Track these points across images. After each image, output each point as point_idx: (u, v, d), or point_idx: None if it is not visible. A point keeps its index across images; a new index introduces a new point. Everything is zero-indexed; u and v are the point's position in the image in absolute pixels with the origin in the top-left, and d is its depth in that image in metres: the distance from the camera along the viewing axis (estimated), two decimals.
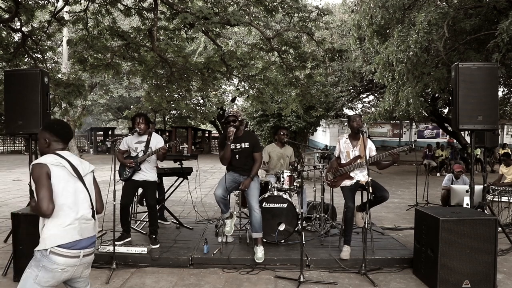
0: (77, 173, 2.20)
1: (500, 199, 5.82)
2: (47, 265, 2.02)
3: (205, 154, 26.40)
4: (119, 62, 7.06)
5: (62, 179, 2.12)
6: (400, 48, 7.45)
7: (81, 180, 2.22)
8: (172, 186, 5.90)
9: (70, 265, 2.08)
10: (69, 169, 2.17)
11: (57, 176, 2.10)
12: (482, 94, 4.17)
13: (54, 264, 2.03)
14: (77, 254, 2.10)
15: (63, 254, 2.05)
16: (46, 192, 2.02)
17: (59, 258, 2.04)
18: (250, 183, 4.21)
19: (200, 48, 17.02)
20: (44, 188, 2.02)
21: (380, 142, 27.90)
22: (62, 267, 2.05)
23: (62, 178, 2.12)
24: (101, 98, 21.51)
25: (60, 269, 2.05)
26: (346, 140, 4.44)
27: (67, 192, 2.12)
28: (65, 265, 2.06)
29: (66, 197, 2.11)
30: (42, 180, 2.04)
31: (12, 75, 4.34)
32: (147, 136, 4.59)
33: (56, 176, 2.09)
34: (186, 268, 4.06)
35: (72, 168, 2.18)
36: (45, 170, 2.07)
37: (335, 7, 16.59)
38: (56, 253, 2.03)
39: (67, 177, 2.15)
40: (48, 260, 2.02)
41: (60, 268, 2.05)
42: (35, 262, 2.05)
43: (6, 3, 6.56)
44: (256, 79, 7.48)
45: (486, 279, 3.50)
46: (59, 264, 2.04)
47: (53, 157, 2.15)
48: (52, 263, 2.03)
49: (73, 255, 2.08)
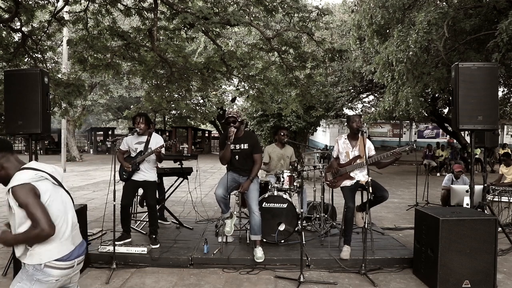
0: (56, 180, 2.07)
1: (500, 199, 5.82)
2: (42, 278, 1.95)
3: (205, 154, 26.41)
4: (119, 62, 7.05)
5: (50, 192, 1.96)
6: (400, 48, 7.45)
7: (61, 187, 2.11)
8: (172, 186, 5.90)
9: (64, 275, 2.03)
10: (51, 180, 2.01)
11: (45, 191, 1.93)
12: (482, 94, 4.16)
13: (49, 276, 1.96)
14: (71, 264, 2.05)
15: (59, 267, 1.99)
16: (42, 211, 1.85)
17: (54, 271, 1.97)
18: (250, 185, 4.21)
19: (200, 48, 17.02)
20: (38, 208, 1.84)
21: (380, 142, 27.92)
22: (57, 278, 2.00)
23: (49, 192, 1.96)
24: (101, 98, 21.51)
25: (54, 280, 1.99)
26: (345, 141, 4.44)
27: (57, 204, 2.00)
28: (60, 276, 2.01)
29: (58, 210, 2.00)
30: (32, 200, 1.84)
31: (12, 75, 4.33)
32: (147, 136, 4.59)
33: (44, 191, 1.93)
34: (186, 268, 4.06)
35: (51, 177, 2.03)
36: (31, 189, 1.87)
37: (335, 7, 16.60)
38: (52, 267, 1.96)
39: (53, 188, 2.01)
40: (43, 273, 1.95)
41: (55, 279, 1.99)
42: (27, 276, 1.95)
43: (6, 3, 6.56)
44: (256, 79, 7.47)
45: (486, 279, 3.50)
46: (54, 276, 1.98)
47: (31, 173, 1.93)
48: (47, 275, 1.96)
49: (68, 266, 2.03)
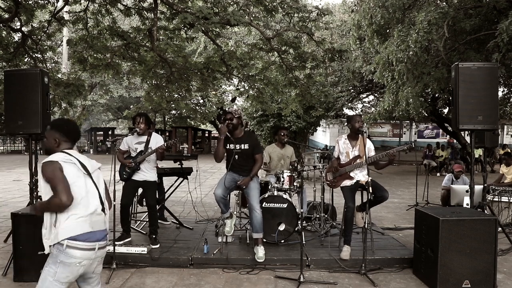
0: (85, 169, 2.25)
1: (500, 199, 5.82)
2: (65, 259, 2.06)
3: (205, 154, 26.40)
4: (119, 62, 7.06)
5: (73, 175, 2.17)
6: (400, 47, 7.45)
7: (89, 176, 2.27)
8: (172, 186, 5.90)
9: (86, 258, 2.13)
10: (79, 166, 2.22)
11: (68, 172, 2.15)
12: (482, 94, 4.17)
13: (71, 258, 2.07)
14: (92, 246, 2.15)
15: (80, 247, 2.09)
16: (64, 184, 2.08)
17: (76, 251, 2.08)
18: (250, 182, 4.21)
19: (200, 48, 17.04)
20: (60, 181, 2.08)
21: (380, 142, 27.90)
22: (80, 260, 2.10)
23: (73, 174, 2.17)
24: (101, 98, 21.54)
25: (77, 262, 2.09)
26: (345, 141, 4.44)
27: (78, 188, 2.17)
28: (82, 258, 2.10)
29: (78, 192, 2.16)
30: (57, 175, 2.09)
31: (12, 75, 4.34)
32: (147, 136, 4.59)
33: (67, 172, 2.14)
34: (186, 268, 4.06)
35: (81, 165, 2.24)
36: (57, 166, 2.12)
37: (335, 7, 16.60)
38: (73, 247, 2.08)
39: (77, 173, 2.20)
40: (65, 254, 2.06)
41: (77, 262, 2.09)
42: (52, 259, 2.09)
43: (6, 3, 6.56)
44: (256, 79, 7.48)
45: (486, 279, 3.50)
46: (76, 257, 2.08)
47: (63, 155, 2.20)
48: (70, 257, 2.07)
49: (89, 248, 2.13)
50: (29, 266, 3.56)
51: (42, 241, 2.17)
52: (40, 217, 2.21)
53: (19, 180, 11.56)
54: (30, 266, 3.56)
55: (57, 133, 2.28)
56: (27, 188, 5.01)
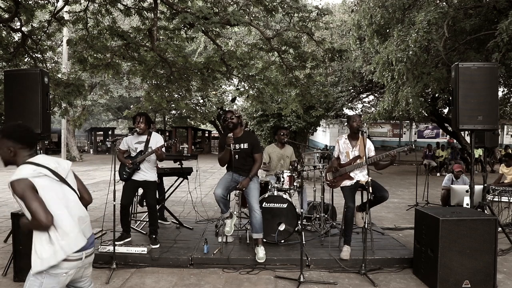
0: (58, 176, 2.08)
1: (500, 199, 5.82)
2: (51, 271, 1.99)
3: (205, 154, 26.41)
4: (119, 62, 7.05)
5: (47, 188, 2.00)
6: (400, 47, 7.45)
7: (64, 183, 2.12)
8: (172, 186, 5.90)
9: (73, 268, 2.06)
10: (51, 176, 2.04)
11: (42, 187, 1.97)
12: (482, 94, 4.17)
13: (58, 269, 2.00)
14: (79, 256, 2.07)
15: (67, 259, 2.02)
16: (38, 203, 1.91)
17: (63, 263, 2.01)
18: (249, 183, 4.21)
19: (200, 48, 17.03)
20: (33, 200, 1.90)
21: (380, 142, 27.91)
22: (66, 270, 2.02)
23: (47, 188, 2.00)
24: (101, 98, 21.52)
25: (64, 273, 2.02)
26: (345, 141, 4.44)
27: (58, 201, 2.03)
28: (69, 269, 2.03)
29: (59, 206, 2.02)
30: (29, 194, 1.91)
31: (12, 75, 4.33)
32: (147, 136, 4.59)
33: (41, 187, 1.97)
34: (186, 268, 4.06)
35: (53, 173, 2.05)
36: (28, 184, 1.93)
37: (335, 7, 16.59)
38: None
39: (51, 184, 2.03)
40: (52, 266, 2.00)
41: (64, 272, 2.02)
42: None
43: (6, 3, 6.56)
44: (256, 79, 7.47)
45: (486, 279, 3.50)
46: (63, 268, 2.01)
47: (30, 168, 1.98)
48: (56, 268, 2.00)
49: (76, 258, 2.05)
50: (29, 266, 3.50)
51: None
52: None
53: None
54: (30, 266, 3.54)
55: (10, 141, 2.03)
56: None
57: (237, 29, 13.49)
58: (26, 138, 2.09)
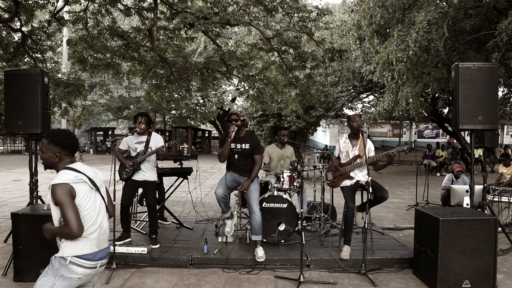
0: (95, 185, 2.19)
1: (500, 199, 5.82)
2: (65, 274, 2.04)
3: (205, 154, 26.40)
4: (119, 62, 7.05)
5: (84, 195, 2.09)
6: (400, 47, 7.45)
7: (98, 192, 2.22)
8: (172, 186, 5.90)
9: (86, 275, 2.12)
10: (89, 183, 2.14)
11: (81, 193, 2.07)
12: (482, 94, 4.17)
13: (72, 273, 2.05)
14: (94, 265, 2.13)
15: (83, 265, 2.07)
16: (74, 213, 1.99)
17: (78, 268, 2.06)
18: (250, 185, 4.21)
19: (200, 48, 17.03)
20: (70, 209, 1.98)
21: (380, 142, 27.91)
22: (79, 276, 2.08)
23: (84, 195, 2.09)
24: (101, 98, 21.53)
25: (77, 277, 2.08)
26: (345, 140, 4.44)
27: (91, 208, 2.12)
28: (82, 275, 2.09)
29: (90, 213, 2.11)
30: (67, 202, 1.99)
31: (12, 75, 4.34)
32: (147, 136, 4.59)
33: (80, 194, 2.06)
34: (186, 268, 4.06)
35: (90, 181, 2.16)
36: (69, 190, 2.02)
37: (335, 7, 16.58)
38: (76, 264, 2.05)
39: (88, 192, 2.13)
40: (67, 269, 2.04)
41: (77, 277, 2.08)
42: (52, 271, 2.06)
43: (6, 3, 6.56)
44: (256, 79, 7.47)
45: (486, 279, 3.50)
46: (77, 273, 2.06)
47: (72, 174, 2.08)
48: (71, 272, 2.05)
49: (91, 266, 2.11)
50: (29, 266, 3.56)
51: (42, 241, 2.16)
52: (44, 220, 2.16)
53: (19, 180, 11.56)
54: (30, 266, 3.56)
55: (57, 148, 2.13)
56: (27, 188, 5.01)
57: (237, 29, 13.49)
58: (72, 146, 2.18)
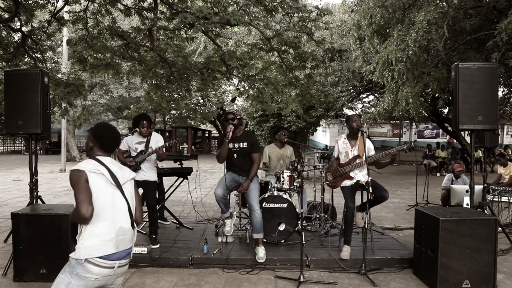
0: (115, 181, 2.15)
1: (500, 199, 5.82)
2: (81, 273, 2.01)
3: (205, 154, 26.40)
4: (119, 62, 7.05)
5: (100, 186, 2.08)
6: (400, 47, 7.44)
7: (119, 189, 2.17)
8: (172, 186, 5.90)
9: (103, 275, 2.07)
10: (108, 177, 2.12)
11: (94, 183, 2.06)
12: (482, 94, 4.17)
13: (88, 273, 2.02)
14: (112, 265, 2.08)
15: (98, 264, 2.03)
16: (85, 195, 2.00)
17: (94, 267, 2.02)
18: (250, 184, 4.21)
19: (200, 48, 17.03)
20: (82, 191, 2.00)
21: (380, 142, 27.92)
22: (96, 276, 2.04)
23: (99, 186, 2.08)
24: (101, 98, 21.50)
25: (93, 278, 2.04)
26: (344, 140, 4.44)
27: (105, 201, 2.08)
28: (99, 275, 2.05)
29: (103, 206, 2.07)
30: (80, 184, 2.01)
31: (12, 75, 4.34)
32: (147, 136, 4.60)
33: (93, 183, 2.06)
34: (186, 268, 4.07)
35: (111, 175, 2.14)
36: (83, 176, 2.04)
37: (335, 7, 16.58)
38: (92, 263, 2.02)
39: (105, 185, 2.11)
40: (83, 268, 2.01)
41: (93, 277, 2.04)
42: (69, 268, 2.04)
43: (6, 3, 6.56)
44: (256, 79, 7.46)
45: (486, 279, 3.50)
46: (93, 273, 2.03)
47: (92, 163, 2.12)
48: (86, 271, 2.02)
49: (108, 266, 2.06)
50: (29, 266, 3.57)
51: (42, 241, 2.14)
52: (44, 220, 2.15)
53: (19, 180, 11.56)
54: (30, 266, 3.56)
55: (93, 138, 2.23)
56: (27, 188, 5.01)
57: (237, 29, 13.50)
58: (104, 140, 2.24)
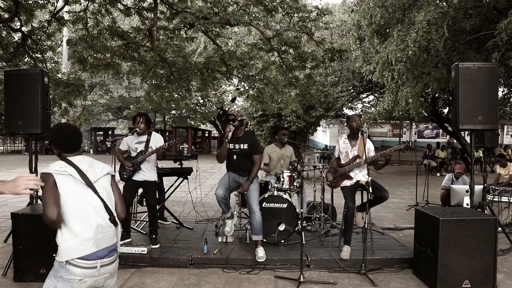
0: (85, 179, 2.11)
1: (500, 199, 5.82)
2: (64, 275, 1.99)
3: (205, 154, 26.39)
4: (119, 62, 7.05)
5: (67, 188, 2.04)
6: (400, 47, 7.45)
7: (91, 187, 2.12)
8: (172, 186, 5.90)
9: (87, 276, 2.03)
10: (76, 177, 2.08)
11: (62, 185, 2.03)
12: (482, 94, 4.17)
13: (71, 274, 1.99)
14: (93, 265, 2.03)
15: (79, 265, 2.00)
16: (51, 198, 1.98)
17: (75, 269, 1.99)
18: (250, 185, 4.21)
19: (200, 48, 17.04)
20: (48, 194, 1.99)
21: (380, 142, 27.91)
22: (80, 277, 2.00)
23: (67, 188, 2.04)
24: (101, 98, 21.53)
25: (77, 279, 2.00)
26: (344, 140, 4.44)
27: (76, 202, 2.05)
28: (82, 276, 2.01)
29: (76, 207, 2.05)
30: (46, 187, 2.00)
31: (12, 75, 4.33)
32: (147, 136, 4.60)
33: (61, 185, 2.03)
34: (186, 268, 4.06)
35: (81, 175, 2.10)
36: (50, 178, 2.02)
37: (335, 7, 16.58)
38: (72, 264, 1.99)
39: (73, 186, 2.07)
40: (65, 270, 1.99)
41: (77, 279, 2.00)
42: (53, 272, 2.03)
43: (6, 3, 6.56)
44: (256, 79, 7.47)
45: (486, 279, 3.50)
46: (76, 275, 2.00)
47: (60, 164, 2.09)
48: (69, 273, 1.99)
49: (88, 266, 2.02)
50: (29, 266, 3.57)
51: (42, 241, 2.13)
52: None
53: None
54: (30, 266, 3.56)
55: (51, 144, 2.22)
56: None
57: (237, 29, 13.49)
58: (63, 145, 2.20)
